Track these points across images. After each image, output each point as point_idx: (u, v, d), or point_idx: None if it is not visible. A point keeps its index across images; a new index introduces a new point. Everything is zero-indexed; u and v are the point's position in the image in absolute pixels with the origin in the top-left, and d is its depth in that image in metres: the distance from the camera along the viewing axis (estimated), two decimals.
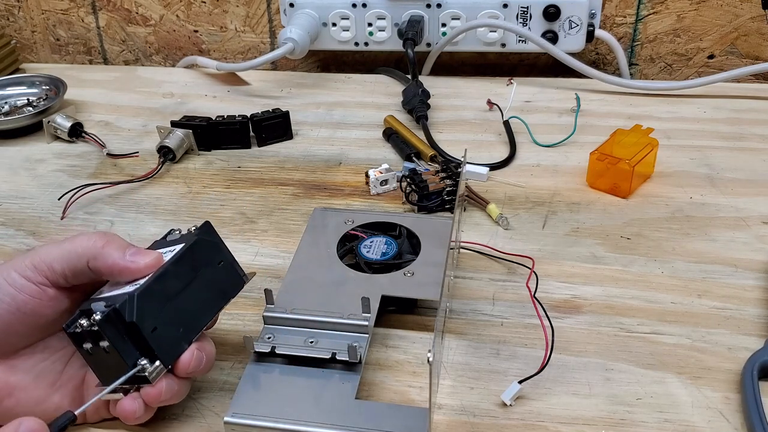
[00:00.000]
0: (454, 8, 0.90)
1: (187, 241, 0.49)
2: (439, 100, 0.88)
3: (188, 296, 0.47)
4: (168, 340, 0.46)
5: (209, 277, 0.49)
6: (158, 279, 0.46)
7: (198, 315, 0.48)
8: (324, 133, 0.84)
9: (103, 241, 0.47)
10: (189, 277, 0.48)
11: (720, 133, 0.80)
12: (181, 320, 0.47)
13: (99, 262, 0.46)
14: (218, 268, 0.50)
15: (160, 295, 0.46)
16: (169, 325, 0.46)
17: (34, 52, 1.10)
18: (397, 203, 0.70)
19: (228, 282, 0.50)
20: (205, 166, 0.78)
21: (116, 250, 0.46)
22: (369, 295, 0.52)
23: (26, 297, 0.46)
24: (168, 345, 0.46)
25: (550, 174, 0.74)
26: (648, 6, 0.93)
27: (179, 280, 0.47)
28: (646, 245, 0.64)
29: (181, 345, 0.47)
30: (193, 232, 0.50)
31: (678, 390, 0.51)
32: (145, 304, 0.45)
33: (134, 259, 0.46)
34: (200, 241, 0.49)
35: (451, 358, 0.54)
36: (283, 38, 0.89)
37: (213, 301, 0.49)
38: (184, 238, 0.50)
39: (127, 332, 0.45)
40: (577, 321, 0.57)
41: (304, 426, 0.46)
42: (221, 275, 0.50)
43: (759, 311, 0.57)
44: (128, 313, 0.44)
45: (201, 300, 0.48)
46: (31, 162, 0.80)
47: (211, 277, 0.49)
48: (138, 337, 0.45)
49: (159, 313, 0.46)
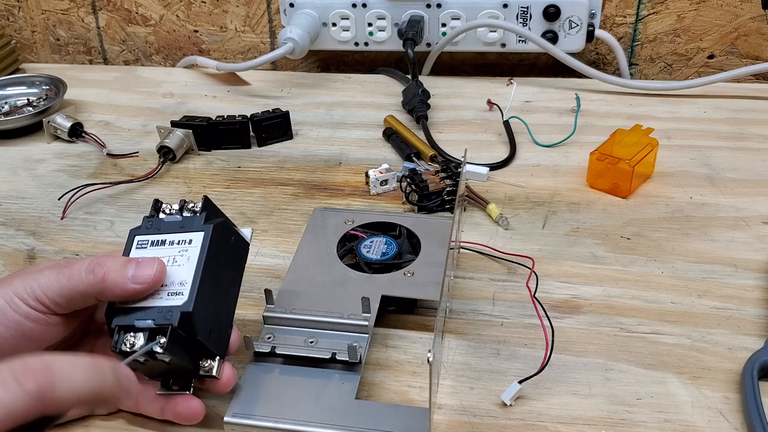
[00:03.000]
0: (454, 8, 0.90)
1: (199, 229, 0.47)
2: (439, 100, 0.88)
3: (220, 285, 0.47)
4: (220, 335, 0.47)
5: (228, 256, 0.49)
6: (201, 287, 0.45)
7: (230, 296, 0.49)
8: (324, 133, 0.84)
9: (101, 273, 0.45)
10: (217, 267, 0.47)
11: (720, 133, 0.80)
12: (223, 310, 0.48)
13: (107, 295, 0.45)
14: (231, 243, 0.49)
15: (205, 301, 0.45)
16: (217, 321, 0.47)
17: (34, 52, 1.10)
18: (397, 203, 0.70)
19: (240, 252, 0.51)
20: (205, 166, 0.78)
21: (118, 277, 0.44)
22: (369, 295, 0.52)
23: (32, 324, 0.45)
24: (221, 339, 0.47)
25: (550, 174, 0.74)
26: (648, 6, 0.93)
27: (212, 276, 0.46)
28: (646, 245, 0.64)
29: (227, 332, 0.48)
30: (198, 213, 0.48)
31: (678, 390, 0.51)
32: (199, 315, 0.44)
33: (139, 281, 0.44)
34: (215, 227, 0.47)
35: (451, 358, 0.54)
36: (283, 38, 0.89)
37: (236, 276, 0.50)
38: (189, 222, 0.48)
39: (187, 343, 0.44)
40: (577, 321, 0.57)
41: (304, 426, 0.46)
42: (234, 248, 0.50)
43: (759, 311, 0.57)
44: (187, 328, 0.44)
45: (228, 281, 0.49)
46: (31, 162, 0.80)
47: (229, 255, 0.49)
48: (198, 346, 0.45)
49: (209, 316, 0.46)
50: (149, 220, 0.49)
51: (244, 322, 0.57)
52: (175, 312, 0.43)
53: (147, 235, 0.48)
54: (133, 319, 0.44)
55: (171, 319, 0.43)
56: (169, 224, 0.48)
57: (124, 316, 0.44)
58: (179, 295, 0.44)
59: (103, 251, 0.51)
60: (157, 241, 0.47)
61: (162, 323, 0.43)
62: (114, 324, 0.44)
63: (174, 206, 0.49)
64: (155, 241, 0.47)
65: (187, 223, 0.48)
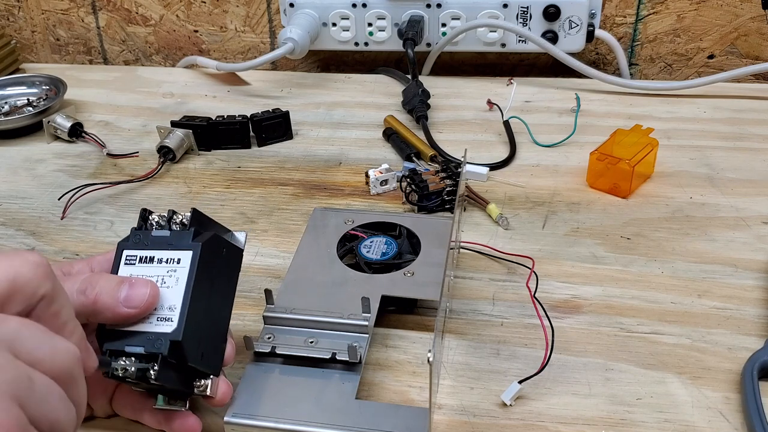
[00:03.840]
0: (454, 8, 0.90)
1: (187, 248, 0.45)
2: (439, 100, 0.88)
3: (212, 303, 0.47)
4: (213, 354, 0.46)
5: (220, 270, 0.48)
6: (190, 312, 0.44)
7: (224, 311, 0.48)
8: (324, 133, 0.84)
9: (93, 295, 0.43)
10: (208, 286, 0.46)
11: (720, 133, 0.80)
12: (215, 328, 0.47)
13: (98, 318, 0.44)
14: (222, 256, 0.48)
15: (196, 325, 0.44)
16: (209, 342, 0.46)
17: (34, 52, 1.10)
18: (397, 203, 0.70)
19: (233, 262, 0.49)
20: (205, 166, 0.78)
21: (110, 300, 0.43)
22: (369, 295, 0.52)
23: None
24: (214, 358, 0.47)
25: (550, 174, 0.74)
26: (648, 6, 0.93)
27: (203, 297, 0.45)
28: (646, 245, 0.64)
29: (222, 348, 0.47)
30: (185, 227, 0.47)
31: (678, 390, 0.51)
32: (188, 342, 0.43)
33: (131, 305, 0.43)
34: (204, 245, 0.46)
35: (451, 358, 0.54)
36: (283, 38, 0.89)
37: (228, 288, 0.49)
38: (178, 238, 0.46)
39: (178, 368, 0.44)
40: (577, 321, 0.57)
41: (304, 426, 0.46)
42: (227, 261, 0.49)
43: (759, 311, 0.57)
44: (178, 356, 0.43)
45: (221, 296, 0.48)
46: (31, 162, 0.80)
47: (221, 269, 0.48)
48: (190, 370, 0.45)
49: (201, 339, 0.45)
50: (137, 233, 0.47)
51: (244, 322, 0.57)
52: (164, 340, 0.43)
53: (135, 250, 0.47)
54: (124, 345, 0.43)
55: (161, 348, 0.43)
56: (156, 239, 0.46)
57: (114, 341, 0.44)
58: (168, 321, 0.44)
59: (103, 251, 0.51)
60: (145, 258, 0.46)
61: (152, 351, 0.43)
62: (105, 348, 0.44)
63: (163, 215, 0.48)
64: (143, 258, 0.46)
65: (175, 239, 0.46)
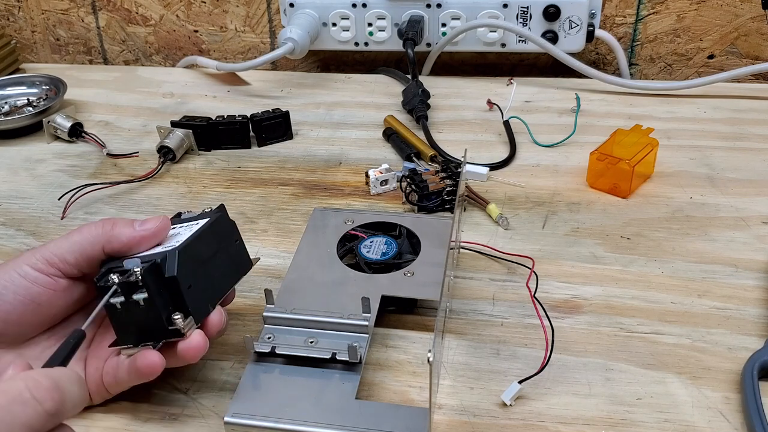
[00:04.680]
0: (454, 8, 0.90)
1: (208, 217, 0.51)
2: (439, 100, 0.88)
3: (213, 264, 0.50)
4: (199, 299, 0.48)
5: (228, 251, 0.52)
6: (192, 243, 0.48)
7: (220, 283, 0.51)
8: (324, 133, 0.84)
9: (110, 224, 0.49)
10: (214, 247, 0.50)
11: (720, 133, 0.80)
12: (208, 284, 0.49)
13: (114, 243, 0.48)
14: (234, 245, 0.53)
15: (194, 257, 0.48)
16: (200, 286, 0.48)
17: (34, 52, 1.10)
18: (397, 203, 0.70)
19: (241, 260, 0.53)
20: (205, 166, 0.78)
21: (125, 228, 0.48)
22: (369, 295, 0.52)
23: (40, 288, 0.47)
24: (199, 304, 0.48)
25: (550, 174, 0.74)
26: (648, 6, 0.93)
27: (207, 248, 0.49)
28: (646, 245, 0.64)
29: (207, 306, 0.49)
30: (211, 211, 0.52)
31: (678, 390, 0.51)
32: (184, 261, 0.46)
33: (145, 227, 0.49)
34: (222, 217, 0.52)
35: (451, 358, 0.54)
36: (283, 38, 0.89)
37: (230, 275, 0.52)
38: (203, 215, 0.52)
39: (165, 287, 0.46)
40: (577, 321, 0.57)
41: (304, 426, 0.46)
42: (236, 252, 0.53)
43: (759, 311, 0.57)
44: (169, 268, 0.46)
45: (222, 270, 0.51)
46: (31, 162, 0.80)
47: (229, 252, 0.52)
48: (174, 292, 0.46)
49: (193, 273, 0.47)
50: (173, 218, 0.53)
51: (245, 322, 0.57)
52: (161, 255, 0.46)
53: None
54: (122, 261, 0.47)
55: (155, 258, 0.46)
56: (183, 219, 0.53)
57: (115, 261, 0.48)
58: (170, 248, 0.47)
59: None
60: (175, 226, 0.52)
61: (148, 261, 0.46)
62: (105, 267, 0.47)
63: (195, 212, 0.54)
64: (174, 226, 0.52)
65: (200, 216, 0.52)
